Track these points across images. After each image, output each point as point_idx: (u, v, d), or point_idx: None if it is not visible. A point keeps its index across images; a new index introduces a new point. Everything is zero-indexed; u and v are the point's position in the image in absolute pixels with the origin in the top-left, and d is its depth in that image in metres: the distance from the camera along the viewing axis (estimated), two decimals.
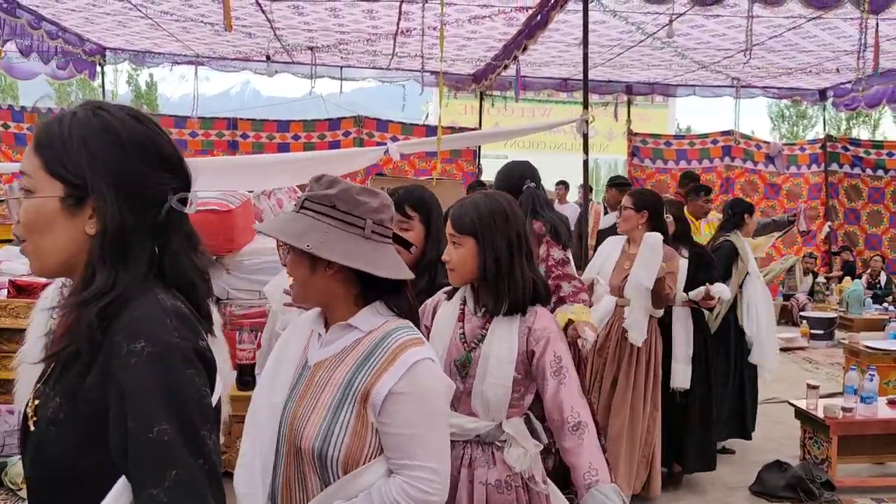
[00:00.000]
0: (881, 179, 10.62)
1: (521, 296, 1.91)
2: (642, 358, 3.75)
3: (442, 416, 1.45)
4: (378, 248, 1.47)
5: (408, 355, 1.41)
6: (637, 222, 3.84)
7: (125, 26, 7.83)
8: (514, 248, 1.91)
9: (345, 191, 1.47)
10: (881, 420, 4.26)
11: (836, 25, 6.83)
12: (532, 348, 1.90)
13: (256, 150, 9.54)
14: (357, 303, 1.50)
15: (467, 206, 1.96)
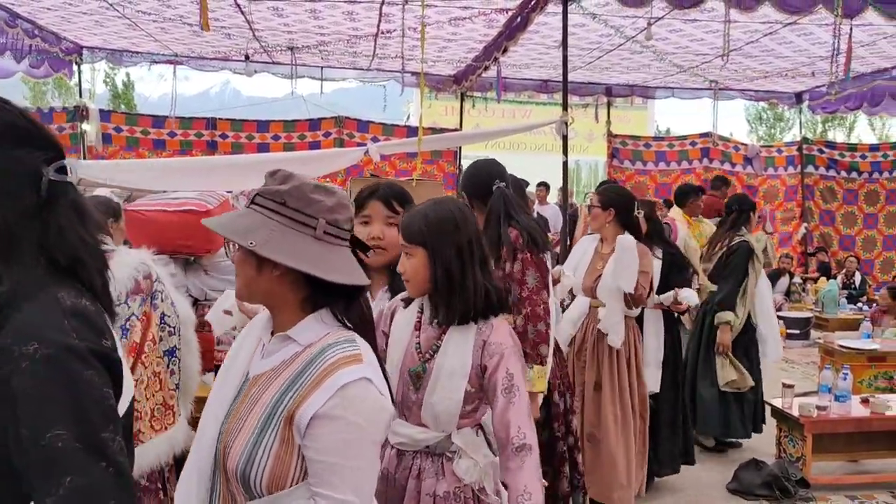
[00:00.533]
0: (855, 181, 10.80)
1: (473, 305, 1.83)
2: (623, 357, 3.70)
3: (370, 444, 1.31)
4: (331, 250, 1.37)
5: (339, 376, 1.28)
6: (605, 220, 3.77)
7: (102, 25, 7.74)
8: (465, 257, 1.84)
9: (297, 187, 1.37)
10: (854, 418, 4.33)
11: (812, 31, 6.93)
12: (485, 363, 1.83)
13: (236, 151, 9.48)
14: (304, 308, 1.39)
15: (416, 214, 1.89)
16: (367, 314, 1.43)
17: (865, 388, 5.47)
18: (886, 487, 4.30)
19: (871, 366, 5.64)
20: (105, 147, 9.22)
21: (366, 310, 1.43)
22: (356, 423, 1.26)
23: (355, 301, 1.41)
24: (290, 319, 1.38)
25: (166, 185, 4.73)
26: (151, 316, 2.66)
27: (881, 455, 4.60)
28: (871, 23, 6.26)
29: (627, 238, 3.59)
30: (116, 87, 21.34)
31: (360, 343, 1.37)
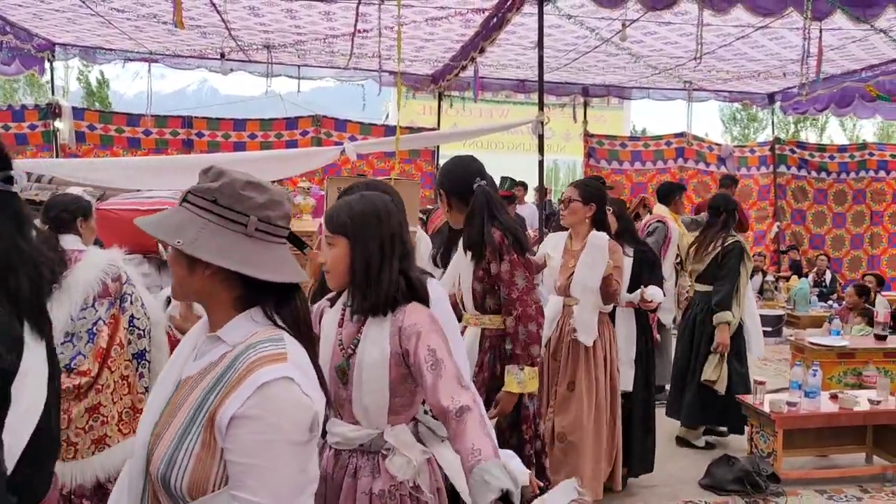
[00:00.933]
0: (824, 181, 11.02)
1: (385, 295, 1.84)
2: (598, 355, 3.67)
3: (290, 446, 1.26)
4: (264, 247, 1.35)
5: (258, 375, 1.25)
6: (584, 215, 3.68)
7: (75, 23, 7.65)
8: (385, 250, 1.86)
9: (228, 184, 1.34)
10: (824, 414, 4.40)
11: (783, 35, 7.05)
12: (405, 347, 1.81)
13: (212, 150, 9.39)
14: (237, 307, 1.37)
15: (341, 205, 1.91)
16: (300, 312, 1.41)
17: (835, 384, 5.57)
18: (854, 481, 4.39)
19: (841, 362, 5.74)
20: (78, 145, 9.10)
21: (300, 308, 1.41)
22: (275, 423, 1.23)
23: (290, 299, 1.39)
24: (224, 318, 1.37)
25: (141, 183, 4.70)
26: (120, 319, 2.64)
27: (849, 450, 4.69)
28: (841, 27, 6.38)
29: (601, 235, 3.53)
30: (90, 84, 21.06)
31: (289, 342, 1.34)
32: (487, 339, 2.84)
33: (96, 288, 2.61)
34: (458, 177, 2.85)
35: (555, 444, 3.59)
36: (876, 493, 4.25)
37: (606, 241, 3.51)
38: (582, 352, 3.63)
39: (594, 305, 3.59)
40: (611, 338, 3.76)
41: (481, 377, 2.82)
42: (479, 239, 2.74)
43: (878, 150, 11.05)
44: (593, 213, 3.68)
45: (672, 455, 4.80)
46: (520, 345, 2.70)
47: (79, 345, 2.57)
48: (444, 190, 2.89)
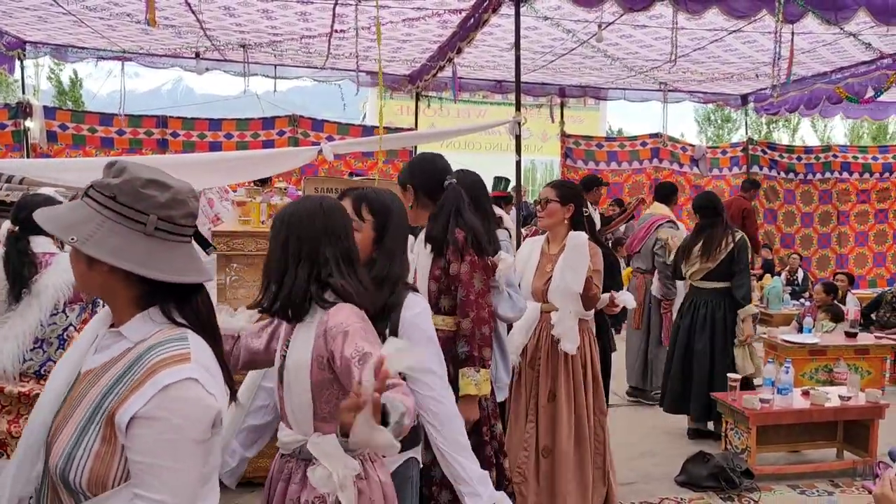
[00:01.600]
0: (792, 182, 11.24)
1: (287, 300, 1.81)
2: (578, 363, 3.50)
3: (192, 444, 1.27)
4: (165, 247, 1.34)
5: (162, 375, 1.26)
6: (563, 216, 3.56)
7: (46, 21, 7.53)
8: (290, 254, 1.84)
9: (128, 182, 1.33)
10: (796, 410, 4.48)
11: (756, 39, 7.16)
12: (330, 348, 1.76)
13: (187, 149, 9.27)
14: (138, 305, 1.37)
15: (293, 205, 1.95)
16: (203, 312, 1.41)
17: (807, 380, 5.68)
18: (826, 476, 4.47)
19: (812, 359, 5.85)
20: (50, 145, 8.95)
21: (202, 308, 1.41)
22: (176, 424, 1.25)
23: (191, 299, 1.39)
24: (125, 315, 1.37)
25: None
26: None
27: (821, 445, 4.78)
28: (812, 31, 6.49)
29: (580, 235, 3.38)
30: (62, 83, 20.75)
31: (193, 342, 1.34)
32: (439, 341, 2.74)
33: (67, 293, 2.57)
34: (428, 174, 2.85)
35: (540, 458, 3.48)
36: (847, 487, 4.33)
37: (586, 240, 3.36)
38: (561, 360, 3.48)
39: (575, 312, 3.43)
40: (591, 345, 3.60)
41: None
42: (441, 236, 2.71)
43: (840, 153, 11.30)
44: (571, 214, 3.56)
45: (648, 453, 4.85)
46: (476, 347, 2.65)
47: (49, 351, 2.54)
48: (412, 185, 2.86)
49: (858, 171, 11.16)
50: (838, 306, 7.44)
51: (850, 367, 5.71)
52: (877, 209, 11.18)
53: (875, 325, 7.45)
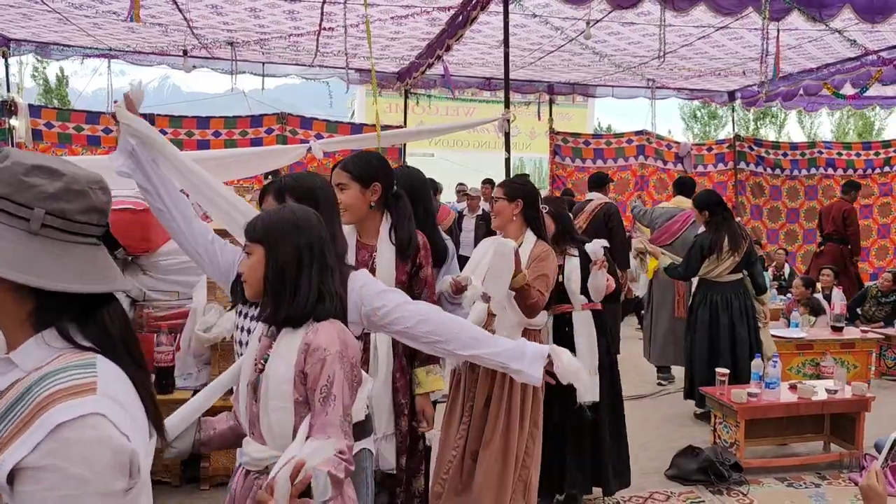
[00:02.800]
0: (778, 178, 11.34)
1: (303, 308, 1.76)
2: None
3: (101, 498, 0.98)
4: (56, 248, 1.07)
5: (53, 413, 0.97)
6: (511, 213, 3.39)
7: (31, 19, 7.47)
8: (303, 258, 1.79)
9: (8, 168, 1.06)
10: (783, 404, 4.52)
11: (742, 35, 7.22)
12: (306, 369, 1.72)
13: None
14: (32, 324, 1.07)
15: (261, 215, 1.88)
16: (115, 330, 1.12)
17: (794, 374, 5.73)
18: (813, 469, 4.52)
19: (799, 353, 5.91)
20: (35, 143, 8.88)
21: (112, 324, 1.12)
22: (77, 475, 0.96)
23: (95, 314, 1.10)
24: (18, 337, 1.08)
25: None
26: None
27: (808, 438, 4.83)
28: (798, 27, 6.54)
29: (506, 242, 3.10)
30: (48, 81, 20.57)
31: (102, 368, 1.06)
32: (399, 344, 2.67)
33: None
34: (390, 177, 2.71)
35: (465, 460, 3.37)
36: (833, 479, 4.38)
37: (511, 247, 3.07)
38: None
39: (514, 322, 3.27)
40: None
41: (403, 381, 2.74)
42: (411, 241, 2.67)
43: (825, 149, 11.43)
44: (521, 209, 3.40)
45: (638, 447, 4.88)
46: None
47: None
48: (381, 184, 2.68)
49: (843, 167, 11.27)
50: (816, 300, 7.52)
51: (837, 361, 5.76)
52: (861, 205, 11.29)
53: (860, 320, 7.52)
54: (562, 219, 3.79)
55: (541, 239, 3.41)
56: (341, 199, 2.52)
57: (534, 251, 3.33)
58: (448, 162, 20.84)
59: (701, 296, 5.41)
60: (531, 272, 3.20)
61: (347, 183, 2.59)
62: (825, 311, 7.11)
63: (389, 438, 2.68)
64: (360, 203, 2.61)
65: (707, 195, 5.61)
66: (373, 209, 2.65)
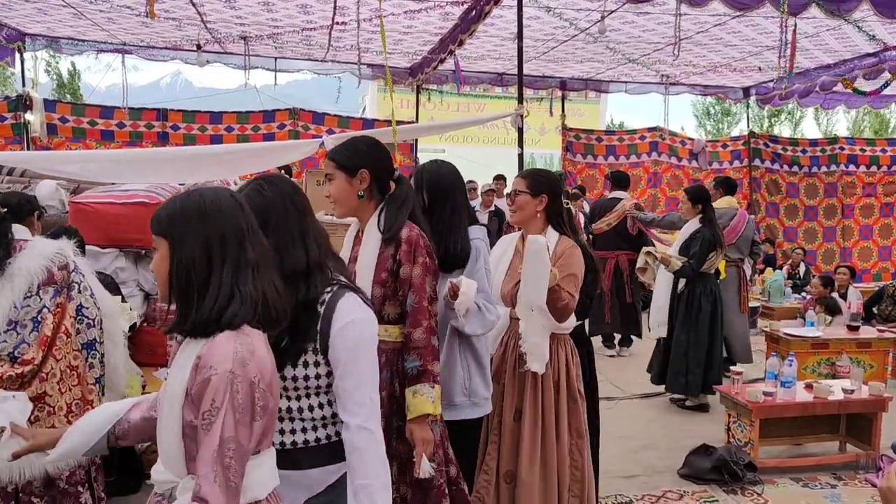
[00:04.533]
0: (796, 175, 11.21)
1: (211, 314, 1.48)
2: (549, 380, 3.05)
3: None
4: None
5: None
6: (535, 209, 3.13)
7: (46, 13, 7.50)
8: (213, 253, 1.51)
9: None
10: (799, 403, 4.47)
11: (759, 23, 7.14)
12: (193, 387, 1.45)
13: (188, 142, 9.27)
14: None
15: (166, 202, 1.59)
16: None
17: (809, 374, 5.67)
18: (829, 469, 4.46)
19: (815, 352, 5.85)
20: (50, 138, 8.93)
21: None
22: None
23: None
24: None
25: (115, 176, 4.62)
26: (66, 307, 2.58)
27: (824, 438, 4.77)
28: (816, 16, 6.46)
29: (537, 240, 2.81)
30: (61, 76, 20.67)
31: None
32: (384, 354, 2.33)
33: (41, 275, 2.55)
34: (384, 161, 2.45)
35: (501, 483, 3.08)
36: (850, 480, 4.33)
37: (544, 246, 2.81)
38: (529, 376, 3.06)
39: (544, 326, 2.97)
40: (567, 362, 3.12)
41: (381, 397, 2.39)
42: (394, 232, 2.36)
43: (847, 145, 11.27)
44: (545, 205, 3.13)
45: (651, 446, 4.85)
46: (429, 360, 2.32)
47: (23, 333, 2.51)
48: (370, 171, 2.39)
49: (865, 163, 11.13)
50: (834, 299, 7.44)
51: (853, 360, 5.70)
52: (882, 202, 11.17)
53: (876, 319, 7.44)
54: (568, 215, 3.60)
55: (564, 235, 3.14)
56: (330, 191, 2.37)
57: (557, 248, 3.05)
58: (459, 158, 20.82)
59: (700, 288, 5.56)
60: (559, 271, 2.92)
61: (333, 173, 2.37)
62: (842, 312, 7.05)
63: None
64: (348, 193, 2.36)
65: (702, 190, 5.87)
66: (363, 198, 2.38)
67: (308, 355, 1.76)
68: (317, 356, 1.76)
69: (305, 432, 1.81)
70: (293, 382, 1.77)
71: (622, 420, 5.31)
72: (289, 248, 1.79)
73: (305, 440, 1.81)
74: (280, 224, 1.82)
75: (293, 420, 1.80)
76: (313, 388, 1.79)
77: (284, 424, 1.80)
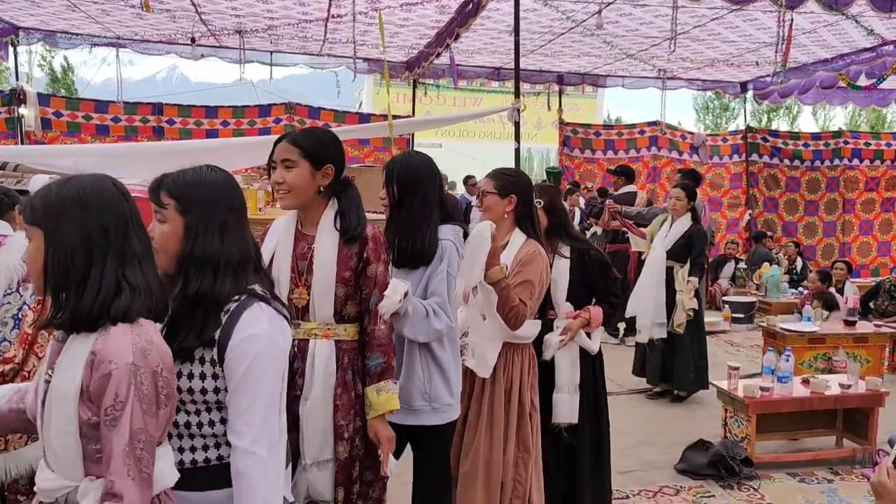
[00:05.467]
0: (797, 169, 11.16)
1: (90, 307, 1.41)
2: (500, 387, 2.90)
3: None
4: None
5: None
6: (503, 210, 2.98)
7: (39, 6, 7.45)
8: (93, 245, 1.44)
9: None
10: (796, 398, 4.46)
11: (757, 17, 7.11)
12: (92, 384, 1.39)
13: (183, 137, 9.24)
14: None
15: (40, 190, 1.50)
16: None
17: (806, 369, 5.67)
18: (825, 464, 4.46)
19: (811, 347, 5.84)
20: (45, 132, 8.89)
21: None
22: None
23: None
24: None
25: (110, 171, 4.57)
26: (47, 303, 2.56)
27: (820, 433, 4.77)
28: (813, 10, 6.44)
29: (483, 224, 2.69)
30: (54, 70, 20.57)
31: None
32: (345, 354, 2.28)
33: (20, 272, 2.52)
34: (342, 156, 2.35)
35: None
36: (846, 475, 4.33)
37: (488, 228, 2.67)
38: (479, 380, 2.94)
39: (493, 333, 2.84)
40: (523, 372, 2.95)
41: (346, 398, 2.26)
42: (357, 223, 2.27)
43: (852, 139, 11.22)
44: (514, 207, 2.98)
45: (647, 442, 4.84)
46: (392, 356, 2.29)
47: (3, 331, 2.48)
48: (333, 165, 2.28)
49: (869, 157, 11.08)
50: (832, 294, 7.43)
51: (849, 355, 5.69)
52: (884, 197, 11.14)
53: (873, 314, 7.44)
54: (556, 211, 3.38)
55: (532, 238, 2.98)
56: (285, 178, 2.21)
57: (520, 253, 2.91)
58: (455, 153, 20.77)
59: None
60: (513, 276, 2.80)
61: (297, 160, 2.21)
62: (839, 307, 7.04)
63: (323, 466, 2.24)
64: (308, 185, 2.23)
65: (696, 185, 6.03)
66: (320, 195, 2.27)
67: (205, 366, 1.61)
68: (214, 368, 1.61)
69: (206, 450, 1.66)
70: (189, 395, 1.62)
71: (619, 416, 5.26)
72: (208, 232, 1.65)
73: (206, 458, 1.67)
74: (204, 207, 1.67)
75: (192, 437, 1.66)
76: (212, 402, 1.63)
77: (184, 441, 1.66)
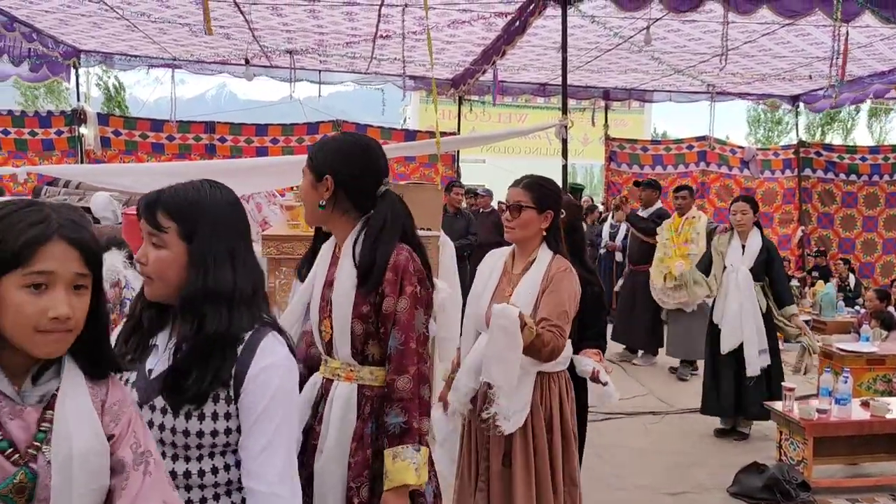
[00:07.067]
0: (854, 184, 10.80)
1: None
2: (540, 420, 2.63)
3: None
4: None
5: None
6: (539, 227, 2.64)
7: (100, 27, 7.75)
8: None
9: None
10: (855, 422, 4.32)
11: (809, 32, 6.98)
12: (112, 431, 1.23)
13: (234, 154, 9.52)
14: None
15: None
16: None
17: (864, 391, 5.48)
18: (887, 490, 4.30)
19: (870, 368, 5.65)
20: (104, 151, 9.24)
21: None
22: None
23: None
24: None
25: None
26: (119, 324, 2.63)
27: (881, 458, 4.60)
28: (869, 24, 6.30)
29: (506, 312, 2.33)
30: (109, 89, 21.30)
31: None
32: (368, 402, 1.92)
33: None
34: (360, 167, 1.96)
35: None
36: None
37: (515, 317, 2.34)
38: None
39: (525, 371, 2.53)
40: (561, 400, 2.70)
41: (360, 455, 1.90)
42: (376, 262, 1.87)
43: None
44: (550, 223, 2.66)
45: (699, 463, 4.74)
46: (415, 416, 1.84)
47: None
48: (332, 178, 1.93)
49: None
50: (890, 313, 7.19)
51: None
52: None
53: None
54: (575, 232, 3.06)
55: (559, 255, 2.65)
56: (301, 190, 2.05)
57: (550, 269, 2.60)
58: (500, 168, 20.84)
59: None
60: (545, 301, 2.52)
61: (305, 170, 1.99)
62: None
63: None
64: (311, 199, 1.97)
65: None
66: (324, 210, 1.95)
67: (219, 405, 1.41)
68: (228, 406, 1.41)
69: (217, 499, 1.46)
70: (197, 439, 1.42)
71: (669, 435, 5.21)
72: (217, 262, 1.46)
73: None
74: (210, 232, 1.48)
75: (189, 489, 1.45)
76: (221, 445, 1.44)
77: (192, 494, 1.46)
